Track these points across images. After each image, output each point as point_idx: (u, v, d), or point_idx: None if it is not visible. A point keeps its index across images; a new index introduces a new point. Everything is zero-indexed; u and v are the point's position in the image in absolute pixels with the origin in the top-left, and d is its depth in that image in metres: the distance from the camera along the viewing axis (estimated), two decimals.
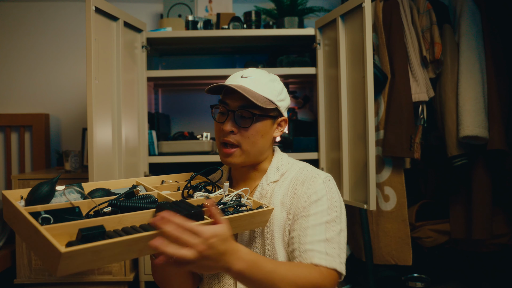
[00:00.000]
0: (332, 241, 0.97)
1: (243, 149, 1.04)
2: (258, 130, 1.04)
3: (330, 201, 1.01)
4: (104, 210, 0.87)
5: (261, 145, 1.06)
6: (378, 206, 2.19)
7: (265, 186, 1.08)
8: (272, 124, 1.08)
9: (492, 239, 2.16)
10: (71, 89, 2.64)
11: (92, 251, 0.68)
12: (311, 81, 2.51)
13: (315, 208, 0.99)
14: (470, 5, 2.14)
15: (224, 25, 2.27)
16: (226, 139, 1.04)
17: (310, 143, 2.23)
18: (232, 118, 1.04)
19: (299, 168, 1.09)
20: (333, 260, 0.95)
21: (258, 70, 1.09)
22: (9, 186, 2.51)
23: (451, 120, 2.12)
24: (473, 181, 2.15)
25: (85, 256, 0.68)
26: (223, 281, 1.07)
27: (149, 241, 0.72)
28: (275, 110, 1.07)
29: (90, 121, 1.69)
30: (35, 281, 2.06)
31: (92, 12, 1.69)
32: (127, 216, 0.84)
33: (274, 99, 1.04)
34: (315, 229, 0.97)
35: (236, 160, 1.05)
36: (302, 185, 1.03)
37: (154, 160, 2.16)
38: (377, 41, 2.19)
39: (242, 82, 1.04)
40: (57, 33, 2.63)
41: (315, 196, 1.00)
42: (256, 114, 1.02)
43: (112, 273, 2.06)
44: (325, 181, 1.04)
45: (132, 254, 0.74)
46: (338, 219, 1.00)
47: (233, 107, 1.04)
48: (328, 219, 0.99)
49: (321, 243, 0.95)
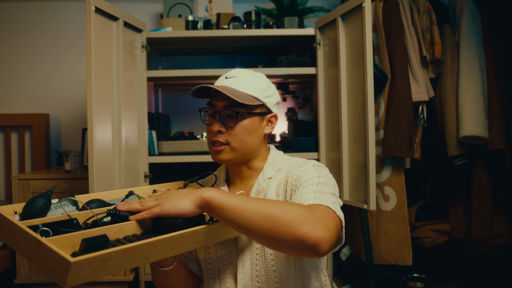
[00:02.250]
0: (322, 194, 0.93)
1: (232, 147, 1.05)
2: (245, 127, 1.05)
3: (321, 176, 1.00)
4: (104, 220, 0.86)
5: (250, 142, 1.07)
6: (378, 206, 2.19)
7: (262, 183, 1.09)
8: (261, 121, 1.08)
9: (492, 239, 2.16)
10: (71, 89, 2.64)
11: (100, 259, 0.68)
12: (311, 81, 2.51)
13: (306, 179, 0.99)
14: (470, 5, 2.14)
15: (224, 25, 2.27)
16: (214, 139, 1.06)
17: (310, 143, 2.23)
18: (219, 118, 1.05)
19: (293, 161, 1.10)
20: (321, 200, 0.90)
21: (242, 70, 1.10)
22: (9, 186, 2.51)
23: (451, 120, 2.12)
24: (473, 181, 2.15)
25: (93, 265, 0.67)
26: (224, 281, 1.07)
27: (154, 247, 0.74)
28: (262, 106, 1.07)
29: (90, 121, 1.69)
30: (35, 281, 2.06)
31: (92, 12, 1.69)
32: (128, 224, 0.85)
33: (259, 95, 1.05)
34: (306, 188, 0.96)
35: (225, 156, 1.06)
36: (292, 170, 1.04)
37: (154, 160, 2.16)
38: (377, 41, 2.19)
39: (226, 82, 1.06)
40: (57, 33, 2.63)
41: (305, 176, 1.00)
42: (241, 112, 1.03)
43: (112, 273, 2.06)
44: (315, 164, 1.05)
45: (138, 261, 0.75)
46: (332, 187, 0.98)
47: (219, 107, 1.05)
48: (319, 182, 0.97)
49: (310, 193, 0.93)
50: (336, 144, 2.04)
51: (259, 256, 1.04)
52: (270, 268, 1.03)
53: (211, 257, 1.09)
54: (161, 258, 0.77)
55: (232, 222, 0.81)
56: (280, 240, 0.80)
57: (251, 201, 0.82)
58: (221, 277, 1.07)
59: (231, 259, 1.07)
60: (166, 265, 1.01)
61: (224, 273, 1.07)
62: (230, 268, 1.07)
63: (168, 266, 1.01)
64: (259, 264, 1.03)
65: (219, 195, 0.82)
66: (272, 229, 0.79)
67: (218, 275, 1.08)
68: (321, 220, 0.82)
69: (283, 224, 0.79)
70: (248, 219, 0.80)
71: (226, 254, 1.07)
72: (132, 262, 0.73)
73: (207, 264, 1.10)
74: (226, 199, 0.81)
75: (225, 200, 0.81)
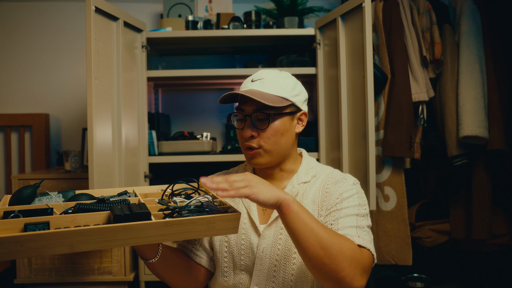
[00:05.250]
0: (362, 229, 0.99)
1: (265, 150, 1.05)
2: (277, 129, 1.05)
3: (360, 200, 1.05)
4: (69, 212, 0.91)
5: (284, 143, 1.07)
6: (378, 206, 2.19)
7: (296, 186, 1.09)
8: (291, 120, 1.08)
9: (492, 239, 2.16)
10: (71, 89, 2.64)
11: (15, 241, 0.73)
12: (311, 81, 2.50)
13: (347, 203, 1.02)
14: (470, 5, 2.14)
15: (224, 25, 2.27)
16: (247, 144, 1.06)
17: (310, 143, 2.23)
18: (250, 122, 1.05)
19: (329, 171, 1.12)
20: (365, 241, 0.97)
21: (267, 71, 1.09)
22: (9, 186, 2.51)
23: (451, 120, 2.12)
24: (473, 181, 2.15)
25: (8, 245, 0.73)
26: (238, 275, 1.08)
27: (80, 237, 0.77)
28: (291, 106, 1.07)
29: (90, 121, 1.69)
30: (35, 281, 2.06)
31: (92, 12, 1.69)
32: (82, 215, 0.87)
33: (287, 95, 1.05)
34: (346, 219, 1.00)
35: (261, 160, 1.07)
36: (334, 184, 1.06)
37: (154, 160, 2.16)
38: (377, 41, 2.19)
39: (253, 86, 1.06)
40: (57, 33, 2.63)
41: (346, 193, 1.04)
42: (271, 114, 1.03)
43: (112, 273, 2.06)
44: (355, 182, 1.09)
45: (63, 249, 0.77)
46: (367, 217, 1.04)
47: (249, 112, 1.05)
48: (359, 213, 1.02)
49: (352, 228, 0.98)
50: (336, 144, 2.04)
51: (280, 257, 1.05)
52: (289, 272, 1.04)
53: (229, 251, 1.10)
54: (92, 249, 0.79)
55: (295, 231, 0.88)
56: (322, 270, 0.88)
57: (317, 223, 0.89)
58: (236, 271, 1.08)
59: (249, 254, 1.07)
60: (148, 258, 1.03)
61: (240, 269, 1.08)
62: (246, 263, 1.08)
63: (152, 259, 1.03)
64: (278, 265, 1.04)
65: (298, 204, 0.89)
66: (319, 256, 0.87)
67: (233, 268, 1.09)
68: (363, 268, 0.91)
69: (330, 258, 0.86)
70: (307, 237, 0.87)
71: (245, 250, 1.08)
72: (55, 249, 0.77)
73: (223, 257, 1.10)
74: (301, 210, 0.89)
75: (300, 210, 0.88)
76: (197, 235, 0.86)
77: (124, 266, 2.06)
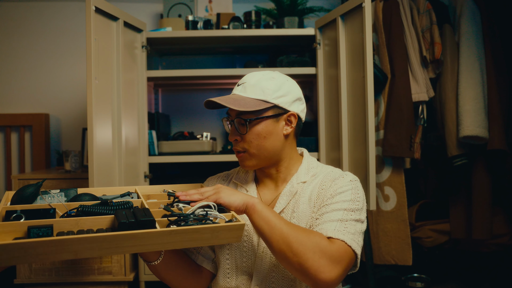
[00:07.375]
0: (345, 222, 0.98)
1: (250, 153, 1.06)
2: (259, 133, 1.04)
3: (354, 195, 1.03)
4: (72, 214, 0.90)
5: (268, 145, 1.06)
6: (378, 206, 2.19)
7: (295, 185, 1.09)
8: (276, 123, 1.06)
9: (492, 239, 2.16)
10: (71, 89, 2.64)
11: (19, 247, 0.73)
12: (311, 81, 2.50)
13: (337, 199, 1.02)
14: (470, 5, 2.14)
15: (224, 25, 2.27)
16: (234, 147, 1.09)
17: (310, 143, 2.23)
18: (234, 127, 1.07)
19: (329, 170, 1.12)
20: (339, 232, 0.95)
21: (252, 74, 1.09)
22: (9, 186, 2.51)
23: (451, 120, 2.13)
24: (473, 181, 2.15)
25: (12, 252, 0.72)
26: (240, 276, 1.08)
27: (83, 244, 0.77)
28: (273, 108, 1.05)
29: (90, 121, 1.69)
30: (35, 281, 2.06)
31: (92, 12, 1.69)
32: (86, 219, 0.86)
33: (268, 98, 1.03)
34: (331, 213, 0.99)
35: (248, 163, 1.08)
36: (331, 181, 1.06)
37: (154, 160, 2.16)
38: (377, 41, 2.19)
39: (236, 90, 1.08)
40: (57, 33, 2.63)
41: (340, 189, 1.03)
42: (248, 119, 1.03)
43: (112, 273, 2.06)
44: (352, 179, 1.07)
45: (67, 255, 0.77)
46: (358, 212, 1.01)
47: (232, 116, 1.07)
48: (347, 207, 1.00)
49: (332, 222, 0.98)
50: (336, 144, 2.04)
51: None
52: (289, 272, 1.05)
53: (231, 252, 1.10)
54: (96, 255, 0.80)
55: (260, 229, 0.93)
56: (288, 263, 0.92)
57: (281, 220, 0.94)
58: (239, 272, 1.09)
59: (251, 255, 1.08)
60: (151, 260, 1.03)
61: (242, 270, 1.09)
62: (248, 264, 1.08)
63: (154, 262, 1.03)
64: (278, 265, 1.05)
65: (262, 204, 0.96)
66: (283, 251, 0.91)
67: (236, 269, 1.09)
68: (330, 259, 0.91)
69: (292, 251, 0.90)
70: (271, 233, 0.92)
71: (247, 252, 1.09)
72: (59, 255, 0.77)
73: (225, 259, 1.11)
74: (265, 210, 0.94)
75: (263, 210, 0.94)
76: (201, 243, 0.88)
77: (124, 266, 2.06)
